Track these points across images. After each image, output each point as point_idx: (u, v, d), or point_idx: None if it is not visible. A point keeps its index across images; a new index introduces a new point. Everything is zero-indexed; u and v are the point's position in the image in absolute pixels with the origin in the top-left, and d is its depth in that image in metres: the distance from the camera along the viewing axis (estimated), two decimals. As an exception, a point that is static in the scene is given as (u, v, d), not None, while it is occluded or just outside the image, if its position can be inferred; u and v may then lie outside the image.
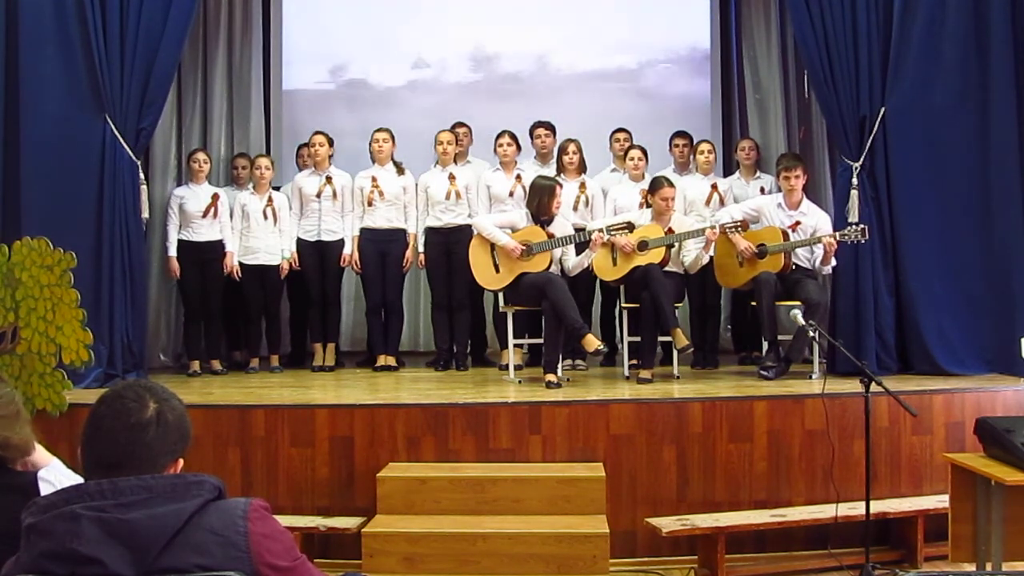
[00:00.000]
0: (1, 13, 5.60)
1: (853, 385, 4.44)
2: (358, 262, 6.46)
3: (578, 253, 5.86)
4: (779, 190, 5.99)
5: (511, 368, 5.84)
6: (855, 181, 5.78)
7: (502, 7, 7.75)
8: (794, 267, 5.79)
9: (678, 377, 5.88)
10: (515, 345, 6.02)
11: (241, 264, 6.45)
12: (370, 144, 6.58)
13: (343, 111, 7.64)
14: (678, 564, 4.64)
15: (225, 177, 7.10)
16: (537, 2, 7.76)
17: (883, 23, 5.77)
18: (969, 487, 3.87)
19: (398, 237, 6.44)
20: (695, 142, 6.70)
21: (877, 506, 4.42)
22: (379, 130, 6.55)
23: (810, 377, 5.63)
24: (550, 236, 5.70)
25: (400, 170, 6.50)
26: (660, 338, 5.84)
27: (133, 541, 1.60)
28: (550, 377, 5.48)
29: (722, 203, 6.41)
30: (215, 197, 6.43)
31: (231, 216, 6.47)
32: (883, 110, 5.75)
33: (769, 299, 5.63)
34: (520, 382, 5.76)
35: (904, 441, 4.91)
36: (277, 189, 6.78)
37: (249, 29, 7.50)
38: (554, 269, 5.73)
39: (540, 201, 5.73)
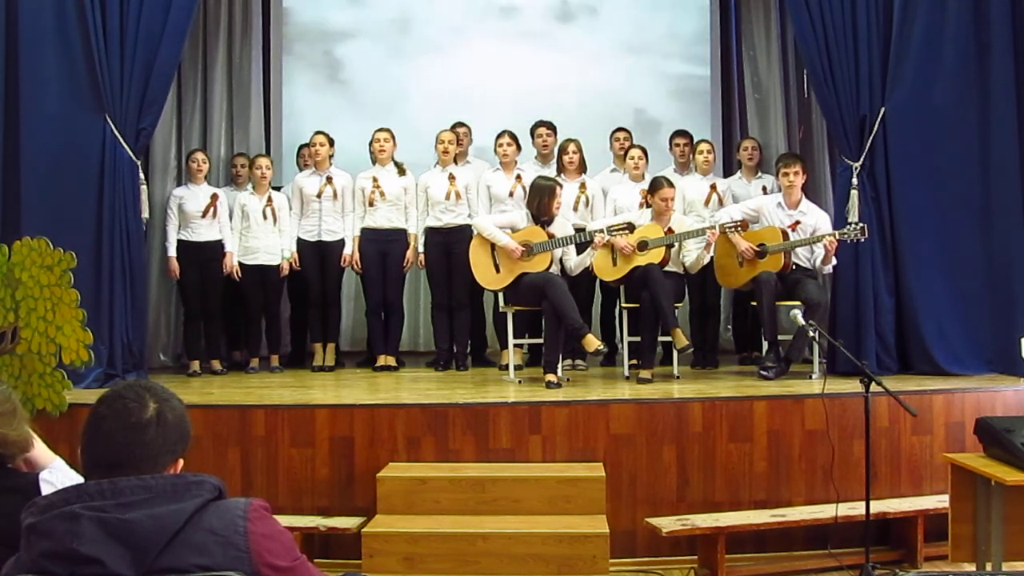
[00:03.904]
0: (1, 13, 5.60)
1: (853, 385, 4.44)
2: (358, 262, 6.46)
3: (579, 253, 5.86)
4: (780, 189, 6.00)
5: (511, 368, 5.84)
6: (855, 181, 5.78)
7: (502, 8, 7.76)
8: (794, 267, 5.79)
9: (678, 377, 5.88)
10: (515, 345, 6.02)
11: (241, 264, 6.45)
12: (371, 144, 6.60)
13: (343, 111, 7.63)
14: (678, 564, 4.64)
15: (225, 177, 7.10)
16: (537, 2, 7.76)
17: (883, 23, 5.77)
18: (969, 487, 3.87)
19: (399, 237, 6.44)
20: (695, 142, 6.71)
21: (877, 506, 4.42)
22: (380, 130, 6.55)
23: (810, 377, 5.63)
24: (550, 236, 5.70)
25: (401, 170, 6.51)
26: (660, 338, 5.84)
27: (133, 541, 1.60)
28: (550, 377, 5.48)
29: (721, 203, 6.41)
30: (214, 197, 6.43)
31: (231, 216, 6.48)
32: (883, 110, 5.75)
33: (769, 299, 5.63)
34: (520, 382, 5.76)
35: (904, 441, 4.91)
36: (277, 189, 6.78)
37: (249, 29, 7.50)
38: (554, 269, 5.73)
39: (540, 201, 5.73)
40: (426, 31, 7.76)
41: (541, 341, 5.97)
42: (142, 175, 5.98)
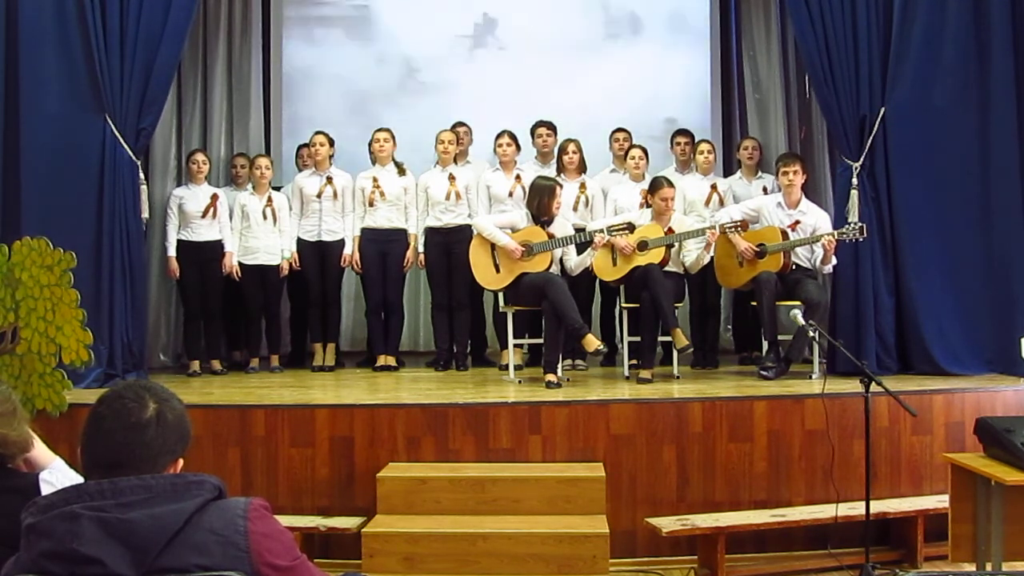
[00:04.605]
0: (1, 13, 5.60)
1: (853, 385, 4.44)
2: (358, 262, 6.46)
3: (579, 253, 5.86)
4: (780, 189, 6.00)
5: (511, 368, 5.84)
6: (855, 181, 5.78)
7: (503, 9, 7.76)
8: (794, 267, 5.79)
9: (678, 377, 5.88)
10: (515, 345, 6.02)
11: (241, 264, 6.45)
12: (371, 144, 6.60)
13: (343, 111, 7.63)
14: (678, 564, 4.64)
15: (225, 177, 7.10)
16: (537, 3, 7.76)
17: (883, 23, 5.77)
18: (969, 487, 3.87)
19: (399, 237, 6.44)
20: (695, 142, 6.71)
21: (877, 506, 4.42)
22: (380, 130, 6.56)
23: (810, 377, 5.63)
24: (550, 236, 5.70)
25: (401, 170, 6.51)
26: (660, 338, 5.84)
27: (133, 541, 1.60)
28: (550, 377, 5.48)
29: (721, 203, 6.41)
30: (214, 197, 6.43)
31: (231, 216, 6.48)
32: (883, 110, 5.75)
33: (769, 299, 5.63)
34: (520, 382, 5.76)
35: (904, 441, 4.91)
36: (277, 189, 6.79)
37: (249, 29, 7.50)
38: (554, 269, 5.73)
39: (540, 201, 5.73)
40: (428, 30, 7.77)
41: (541, 341, 5.97)
42: (142, 175, 5.98)
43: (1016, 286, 5.69)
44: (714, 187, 6.52)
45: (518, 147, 6.52)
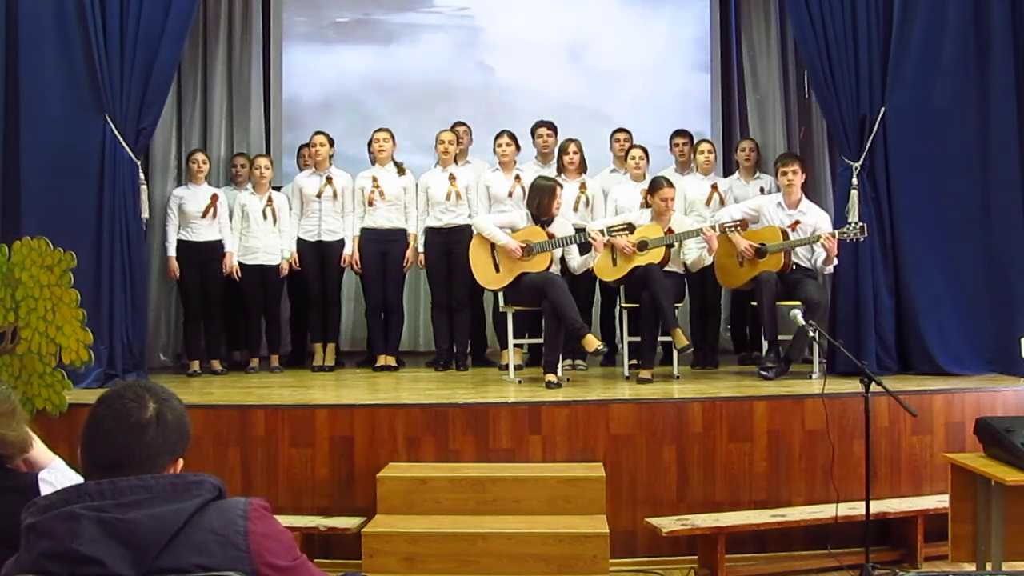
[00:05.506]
0: (1, 13, 5.60)
1: (853, 385, 4.44)
2: (358, 262, 6.46)
3: (581, 254, 5.86)
4: (779, 190, 6.00)
5: (511, 368, 5.84)
6: (855, 181, 5.78)
7: (503, 8, 7.76)
8: (794, 267, 5.79)
9: (678, 377, 5.88)
10: (515, 345, 6.02)
11: (241, 264, 6.45)
12: (370, 144, 6.60)
13: (343, 111, 7.63)
14: (678, 564, 4.64)
15: (225, 177, 7.11)
16: (538, 3, 7.77)
17: (883, 23, 5.77)
18: (969, 487, 3.87)
19: (398, 237, 6.44)
20: (695, 142, 6.70)
21: (877, 506, 4.43)
22: (380, 130, 6.56)
23: (810, 377, 5.63)
24: (550, 236, 5.70)
25: (401, 170, 6.51)
26: (660, 338, 5.84)
27: (133, 541, 1.60)
28: (550, 377, 5.48)
29: (722, 203, 6.41)
30: (214, 198, 6.43)
31: (231, 216, 6.48)
32: (883, 110, 5.75)
33: (769, 299, 5.63)
34: (520, 382, 5.76)
35: (904, 441, 4.91)
36: (277, 189, 6.79)
37: (249, 29, 7.50)
38: (554, 269, 5.73)
39: (540, 202, 5.73)
40: (425, 29, 7.77)
41: (541, 341, 5.97)
42: (142, 175, 5.98)
43: (1016, 286, 5.69)
44: (714, 187, 6.51)
45: (518, 147, 6.52)
